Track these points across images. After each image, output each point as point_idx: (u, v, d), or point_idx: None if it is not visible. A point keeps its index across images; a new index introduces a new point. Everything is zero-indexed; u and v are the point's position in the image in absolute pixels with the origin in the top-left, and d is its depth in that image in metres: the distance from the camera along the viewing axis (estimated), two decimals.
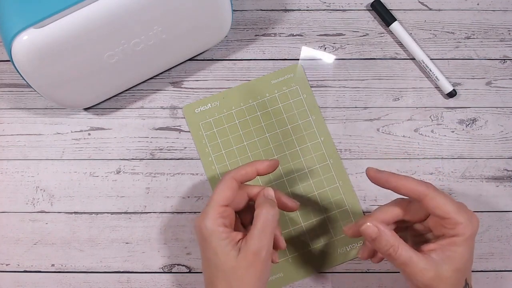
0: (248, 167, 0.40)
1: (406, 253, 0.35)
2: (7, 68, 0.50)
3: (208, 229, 0.36)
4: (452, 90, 0.49)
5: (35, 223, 0.48)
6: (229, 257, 0.36)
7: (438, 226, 0.37)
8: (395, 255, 0.35)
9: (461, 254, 0.35)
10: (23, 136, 0.49)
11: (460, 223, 0.35)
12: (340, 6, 0.51)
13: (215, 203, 0.37)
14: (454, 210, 0.35)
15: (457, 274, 0.35)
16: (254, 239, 0.36)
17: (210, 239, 0.36)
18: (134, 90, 0.49)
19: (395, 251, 0.35)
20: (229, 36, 0.50)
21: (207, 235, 0.36)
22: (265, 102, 0.49)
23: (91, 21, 0.37)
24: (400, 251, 0.35)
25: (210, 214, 0.37)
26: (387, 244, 0.36)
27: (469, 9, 0.51)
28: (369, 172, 0.39)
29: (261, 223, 0.37)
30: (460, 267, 0.35)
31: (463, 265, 0.36)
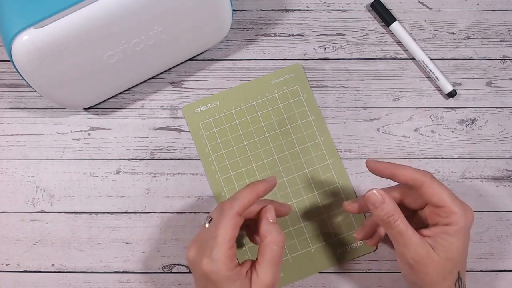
0: (248, 195, 0.37)
1: (404, 225, 0.37)
2: (7, 68, 0.50)
3: (221, 275, 0.34)
4: (452, 90, 0.49)
5: (35, 223, 0.48)
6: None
7: (433, 215, 0.38)
8: (394, 223, 0.37)
9: (453, 244, 0.36)
10: (23, 136, 0.49)
11: (454, 212, 0.36)
12: (340, 6, 0.51)
13: (222, 245, 0.35)
14: (450, 199, 0.37)
15: (448, 262, 0.36)
16: (266, 272, 0.36)
17: (222, 285, 0.35)
18: (134, 90, 0.49)
19: (394, 220, 0.37)
20: (229, 36, 0.50)
21: (218, 280, 0.35)
22: (265, 102, 0.49)
23: (91, 21, 0.37)
24: (398, 221, 0.36)
25: (221, 258, 0.35)
26: (388, 212, 0.37)
27: (469, 9, 0.51)
28: (369, 162, 0.40)
29: (271, 255, 0.36)
30: (451, 257, 0.36)
31: (455, 255, 0.36)
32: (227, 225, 0.35)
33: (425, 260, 0.36)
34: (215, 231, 0.35)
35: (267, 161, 0.48)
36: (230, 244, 0.35)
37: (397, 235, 0.37)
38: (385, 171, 0.39)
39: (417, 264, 0.36)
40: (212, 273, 0.35)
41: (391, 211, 0.37)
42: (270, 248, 0.36)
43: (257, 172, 0.48)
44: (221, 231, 0.35)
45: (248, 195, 0.37)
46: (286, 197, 0.48)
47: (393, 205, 0.37)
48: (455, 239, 0.36)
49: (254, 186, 0.38)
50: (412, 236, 0.36)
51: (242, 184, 0.48)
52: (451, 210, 0.36)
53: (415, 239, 0.36)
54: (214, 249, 0.35)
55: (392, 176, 0.39)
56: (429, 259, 0.36)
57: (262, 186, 0.38)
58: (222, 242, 0.35)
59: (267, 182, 0.39)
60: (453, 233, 0.36)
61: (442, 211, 0.37)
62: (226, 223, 0.35)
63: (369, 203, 0.38)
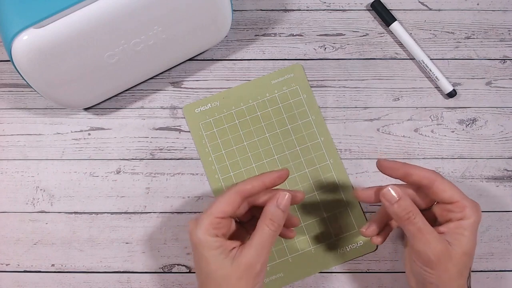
0: (254, 181, 0.38)
1: (422, 222, 0.37)
2: (7, 68, 0.50)
3: (199, 238, 0.36)
4: (452, 90, 0.49)
5: (35, 223, 0.48)
6: (222, 266, 0.36)
7: (444, 212, 0.38)
8: (414, 219, 0.37)
9: (469, 238, 0.37)
10: (23, 136, 0.49)
11: (467, 206, 0.37)
12: (340, 6, 0.51)
13: (211, 213, 0.36)
14: (461, 195, 0.38)
15: (465, 257, 0.37)
16: (250, 252, 0.36)
17: (201, 248, 0.36)
18: (134, 90, 0.49)
19: (414, 216, 0.37)
20: (229, 36, 0.50)
21: (197, 243, 0.36)
22: (265, 102, 0.49)
23: (91, 21, 0.37)
24: (418, 218, 0.37)
25: (203, 224, 0.36)
26: (407, 208, 0.37)
27: (469, 9, 0.51)
28: (381, 162, 0.40)
29: (261, 238, 0.36)
30: (467, 251, 0.37)
31: (470, 250, 0.37)
32: (222, 198, 0.37)
33: (445, 256, 0.36)
34: (212, 204, 0.37)
35: (267, 161, 0.48)
36: (218, 215, 0.36)
37: (417, 231, 0.37)
38: (398, 170, 0.39)
39: (438, 260, 0.36)
40: (192, 235, 0.36)
41: (409, 207, 0.37)
42: (262, 229, 0.36)
43: (257, 172, 0.48)
44: (215, 203, 0.37)
45: (253, 180, 0.38)
46: None
47: (410, 201, 0.37)
48: (470, 233, 0.37)
49: (263, 174, 0.39)
50: (432, 233, 0.37)
51: None
52: (464, 205, 0.37)
53: (435, 234, 0.37)
54: (203, 214, 0.36)
55: (405, 175, 0.39)
56: (448, 255, 0.36)
57: (271, 175, 0.38)
58: (211, 210, 0.36)
59: (277, 173, 0.39)
60: (467, 227, 0.37)
61: (455, 206, 0.37)
62: (223, 197, 0.37)
63: (385, 200, 0.38)
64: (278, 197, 0.37)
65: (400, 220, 0.38)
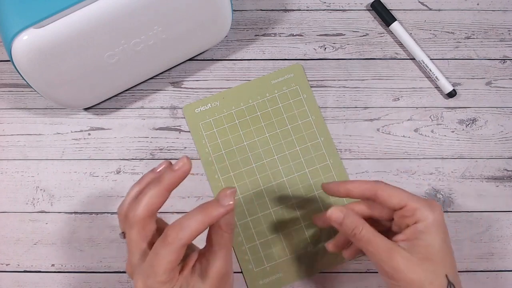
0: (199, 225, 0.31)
1: (370, 233, 0.36)
2: (7, 68, 0.50)
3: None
4: (452, 90, 0.49)
5: (35, 223, 0.48)
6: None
7: (400, 220, 0.37)
8: (359, 234, 0.36)
9: (428, 242, 0.35)
10: (23, 136, 0.49)
11: (417, 208, 0.35)
12: (340, 6, 0.51)
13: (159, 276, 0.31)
14: (409, 197, 0.36)
15: (428, 263, 0.34)
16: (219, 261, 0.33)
17: None
18: (134, 90, 0.49)
19: (359, 230, 0.36)
20: (229, 36, 0.50)
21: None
22: (265, 102, 0.49)
23: (91, 21, 0.37)
24: (364, 231, 0.36)
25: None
26: (352, 224, 0.36)
27: (469, 9, 0.51)
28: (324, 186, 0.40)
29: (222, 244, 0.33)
30: (430, 257, 0.35)
31: (433, 255, 0.35)
32: (168, 256, 0.30)
33: (403, 265, 0.34)
34: (155, 259, 0.31)
35: (267, 161, 0.48)
36: (168, 276, 0.31)
37: (366, 244, 0.36)
38: (339, 190, 0.39)
39: (396, 272, 0.34)
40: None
41: (353, 223, 0.36)
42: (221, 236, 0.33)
43: (257, 172, 0.48)
44: (160, 261, 0.30)
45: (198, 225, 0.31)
46: (286, 197, 0.48)
47: (354, 217, 0.36)
48: (429, 236, 0.35)
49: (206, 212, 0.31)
50: (381, 242, 0.35)
51: (242, 184, 0.48)
52: (414, 207, 0.35)
53: (385, 243, 0.35)
54: (150, 279, 0.31)
55: (347, 193, 0.38)
56: (407, 263, 0.34)
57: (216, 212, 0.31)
58: (158, 272, 0.31)
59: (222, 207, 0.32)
60: (424, 229, 0.35)
61: (405, 210, 0.36)
62: (167, 255, 0.30)
63: (332, 222, 0.37)
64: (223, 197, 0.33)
65: (352, 239, 0.37)
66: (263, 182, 0.48)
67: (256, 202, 0.47)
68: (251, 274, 0.47)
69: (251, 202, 0.47)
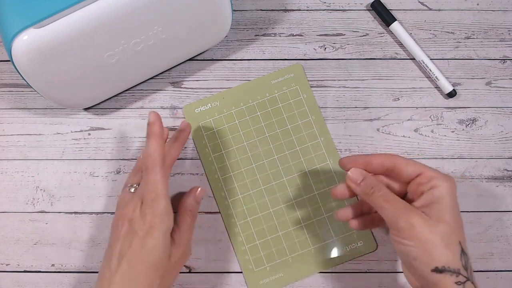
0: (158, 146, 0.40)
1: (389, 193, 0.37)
2: (7, 68, 0.50)
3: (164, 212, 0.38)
4: (452, 90, 0.49)
5: (35, 223, 0.48)
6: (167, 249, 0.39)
7: (415, 187, 0.38)
8: (379, 192, 0.37)
9: (443, 206, 0.36)
10: (23, 136, 0.49)
11: (433, 176, 0.37)
12: (340, 6, 0.51)
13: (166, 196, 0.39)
14: (424, 167, 0.38)
15: (444, 225, 0.35)
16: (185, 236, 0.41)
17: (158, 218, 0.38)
18: (134, 90, 0.49)
19: (379, 189, 0.37)
20: (229, 36, 0.50)
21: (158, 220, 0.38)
22: (265, 102, 0.49)
23: (91, 21, 0.37)
24: (383, 191, 0.37)
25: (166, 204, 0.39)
26: (371, 184, 0.38)
27: (469, 9, 0.51)
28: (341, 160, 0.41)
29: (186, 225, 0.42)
30: (445, 220, 0.35)
31: (448, 218, 0.35)
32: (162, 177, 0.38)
33: (420, 223, 0.35)
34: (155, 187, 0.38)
35: (267, 161, 0.48)
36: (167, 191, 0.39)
37: (384, 202, 0.37)
38: (358, 162, 0.40)
39: (412, 228, 0.35)
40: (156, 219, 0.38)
41: (373, 183, 0.38)
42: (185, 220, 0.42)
43: (257, 172, 0.48)
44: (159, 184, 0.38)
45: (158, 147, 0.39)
46: (286, 197, 0.48)
47: (373, 178, 0.38)
48: (444, 201, 0.36)
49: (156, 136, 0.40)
50: (400, 201, 0.37)
51: (242, 184, 0.48)
52: (430, 175, 0.37)
53: (403, 202, 0.37)
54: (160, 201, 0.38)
55: (366, 164, 0.39)
56: (424, 222, 0.35)
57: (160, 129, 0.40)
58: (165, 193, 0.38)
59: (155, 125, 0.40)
60: (440, 195, 0.36)
61: (422, 178, 0.37)
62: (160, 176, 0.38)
63: (351, 182, 0.39)
64: (195, 192, 0.44)
65: (367, 197, 0.38)
66: (263, 182, 0.48)
67: (256, 202, 0.47)
68: (251, 274, 0.47)
69: (251, 202, 0.47)
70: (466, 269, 0.35)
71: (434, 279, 0.34)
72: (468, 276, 0.35)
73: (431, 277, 0.34)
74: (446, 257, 0.34)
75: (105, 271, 0.38)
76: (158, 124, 0.40)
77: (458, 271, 0.34)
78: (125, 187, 0.43)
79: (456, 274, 0.34)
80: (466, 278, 0.35)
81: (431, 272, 0.34)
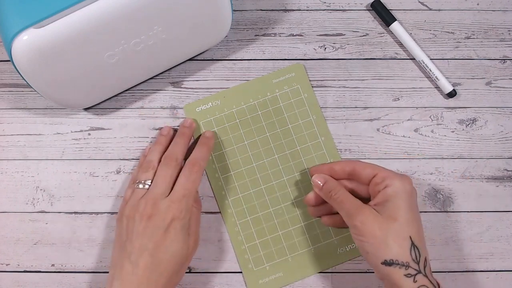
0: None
1: (345, 194, 0.41)
2: (7, 68, 0.50)
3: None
4: (452, 90, 0.49)
5: (35, 223, 0.48)
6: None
7: (372, 187, 0.41)
8: (335, 195, 0.41)
9: (394, 204, 0.39)
10: (23, 136, 0.49)
11: (387, 175, 0.40)
12: (340, 6, 0.51)
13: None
14: (380, 168, 0.41)
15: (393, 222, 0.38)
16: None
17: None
18: (134, 90, 0.49)
19: (335, 192, 0.41)
20: (229, 36, 0.50)
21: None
22: (266, 101, 0.49)
23: (91, 21, 0.37)
24: (340, 192, 0.41)
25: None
26: (330, 187, 0.42)
27: (469, 9, 0.51)
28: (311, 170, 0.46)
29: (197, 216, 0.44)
30: (395, 216, 0.38)
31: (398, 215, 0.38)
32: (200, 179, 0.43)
33: (370, 220, 0.38)
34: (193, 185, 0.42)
35: (268, 160, 0.48)
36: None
37: (341, 204, 0.41)
38: (323, 168, 0.44)
39: (363, 225, 0.38)
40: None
41: (331, 186, 0.42)
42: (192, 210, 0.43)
43: (258, 171, 0.48)
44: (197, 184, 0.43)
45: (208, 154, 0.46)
46: (286, 196, 0.48)
47: (333, 182, 0.43)
48: (396, 199, 0.39)
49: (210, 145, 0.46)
50: (353, 201, 0.40)
51: (242, 183, 0.48)
52: (383, 175, 0.40)
53: (357, 202, 0.40)
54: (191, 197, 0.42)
55: (329, 171, 0.44)
56: (373, 219, 0.38)
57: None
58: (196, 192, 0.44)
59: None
60: (392, 193, 0.39)
61: (377, 177, 0.41)
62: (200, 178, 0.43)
63: (315, 187, 0.43)
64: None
65: (328, 199, 0.42)
66: (263, 181, 0.48)
67: (256, 201, 0.47)
68: (250, 274, 0.47)
69: (251, 201, 0.47)
70: (417, 263, 0.37)
71: (384, 271, 0.38)
72: (419, 269, 0.37)
73: (382, 269, 0.38)
74: (394, 251, 0.37)
75: (125, 266, 0.39)
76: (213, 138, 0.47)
77: (408, 264, 0.37)
78: (133, 183, 0.44)
79: (405, 267, 0.37)
80: (416, 271, 0.37)
81: (381, 265, 0.38)
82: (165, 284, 0.39)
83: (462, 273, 0.47)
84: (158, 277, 0.39)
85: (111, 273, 0.40)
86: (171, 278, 0.40)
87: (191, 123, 0.47)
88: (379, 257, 0.38)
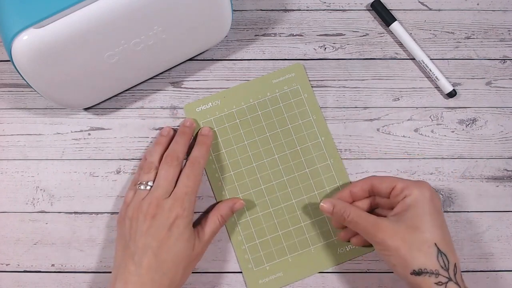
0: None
1: (357, 212, 0.41)
2: (7, 68, 0.50)
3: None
4: (452, 90, 0.49)
5: (35, 223, 0.48)
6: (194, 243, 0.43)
7: (393, 200, 0.41)
8: (348, 217, 0.41)
9: (414, 213, 0.38)
10: (23, 136, 0.49)
11: (405, 186, 0.40)
12: (340, 6, 0.51)
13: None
14: (397, 179, 0.42)
15: (414, 231, 0.37)
16: (206, 236, 0.44)
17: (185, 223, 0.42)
18: (134, 90, 0.49)
19: (347, 214, 0.41)
20: (229, 36, 0.50)
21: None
22: (266, 101, 0.49)
23: (91, 21, 0.37)
24: (352, 214, 0.41)
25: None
26: (340, 211, 0.42)
27: (469, 9, 0.51)
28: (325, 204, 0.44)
29: (212, 227, 0.44)
30: (416, 225, 0.38)
31: (419, 224, 0.38)
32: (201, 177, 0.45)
33: (388, 234, 0.38)
34: (194, 183, 0.43)
35: (268, 160, 0.48)
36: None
37: (356, 224, 0.40)
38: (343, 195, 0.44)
39: (383, 241, 0.38)
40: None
41: (342, 209, 0.42)
42: (214, 221, 0.44)
43: (258, 171, 0.48)
44: (198, 182, 0.44)
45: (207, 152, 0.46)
46: (286, 196, 0.48)
47: (342, 204, 0.42)
48: (416, 208, 0.39)
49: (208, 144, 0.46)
50: (368, 218, 0.40)
51: (242, 183, 0.48)
52: (402, 186, 0.40)
53: (371, 219, 0.40)
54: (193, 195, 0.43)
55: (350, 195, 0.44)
56: (392, 233, 0.38)
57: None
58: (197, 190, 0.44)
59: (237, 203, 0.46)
60: (411, 202, 0.39)
61: (395, 190, 0.41)
62: (201, 176, 0.44)
63: (325, 213, 0.44)
64: (235, 203, 0.45)
65: (344, 222, 0.42)
66: (263, 181, 0.48)
67: (256, 201, 0.48)
68: (250, 274, 0.47)
69: (251, 201, 0.47)
70: (446, 270, 0.37)
71: (415, 281, 0.37)
72: (450, 277, 0.37)
73: (412, 279, 0.37)
74: (421, 260, 0.37)
75: (128, 266, 0.39)
76: (211, 135, 0.47)
77: (437, 272, 0.36)
78: (135, 184, 0.44)
79: (435, 275, 0.36)
80: (447, 278, 0.36)
81: (410, 275, 0.37)
82: (169, 285, 0.39)
83: (462, 273, 0.47)
84: (161, 277, 0.39)
85: (114, 273, 0.40)
86: (174, 278, 0.40)
87: (191, 123, 0.47)
88: (407, 268, 0.37)
